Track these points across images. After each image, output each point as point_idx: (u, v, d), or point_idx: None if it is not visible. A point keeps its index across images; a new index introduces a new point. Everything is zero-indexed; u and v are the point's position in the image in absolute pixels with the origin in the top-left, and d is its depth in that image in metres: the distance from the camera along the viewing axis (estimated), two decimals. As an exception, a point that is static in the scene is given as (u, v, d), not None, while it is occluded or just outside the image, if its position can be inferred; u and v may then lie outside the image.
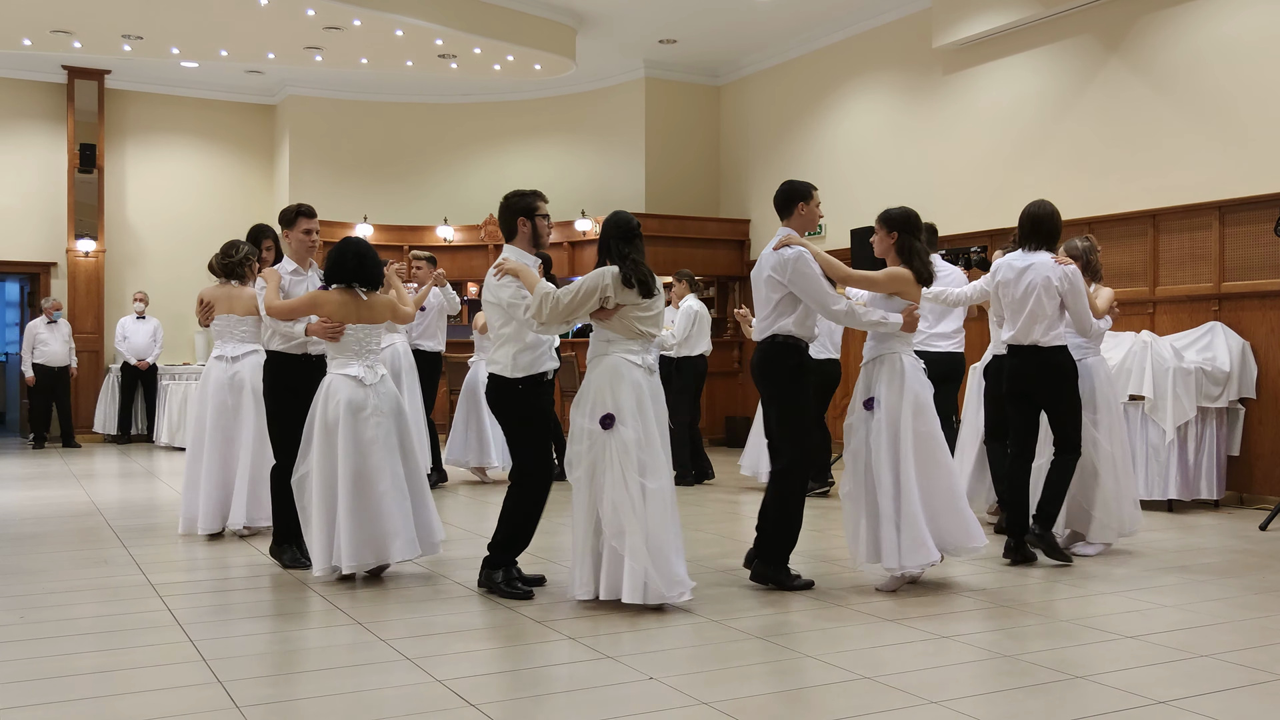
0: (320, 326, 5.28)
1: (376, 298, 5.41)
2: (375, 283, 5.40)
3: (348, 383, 5.23)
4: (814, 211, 5.37)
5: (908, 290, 5.16)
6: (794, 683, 3.75)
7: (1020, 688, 3.65)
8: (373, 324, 5.37)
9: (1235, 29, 8.29)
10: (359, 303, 5.33)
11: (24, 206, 13.77)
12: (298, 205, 5.92)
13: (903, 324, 5.09)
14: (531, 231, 5.11)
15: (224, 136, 14.82)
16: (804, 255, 5.07)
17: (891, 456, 5.02)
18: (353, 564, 5.12)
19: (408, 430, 5.40)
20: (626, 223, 4.89)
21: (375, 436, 5.18)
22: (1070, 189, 9.37)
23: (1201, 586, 5.26)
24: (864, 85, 11.78)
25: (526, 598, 4.92)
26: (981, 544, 5.12)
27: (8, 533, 6.88)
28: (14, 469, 10.74)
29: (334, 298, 5.31)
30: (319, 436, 5.20)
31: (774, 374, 5.15)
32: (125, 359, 13.29)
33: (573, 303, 4.72)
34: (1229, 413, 8.03)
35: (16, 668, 3.90)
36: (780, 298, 5.12)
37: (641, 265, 4.78)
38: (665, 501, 4.66)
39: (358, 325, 5.31)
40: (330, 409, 5.19)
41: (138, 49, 11.69)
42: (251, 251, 6.63)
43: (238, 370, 6.56)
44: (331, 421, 5.18)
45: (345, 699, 3.57)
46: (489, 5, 11.12)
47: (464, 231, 14.08)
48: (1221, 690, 3.62)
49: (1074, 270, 5.76)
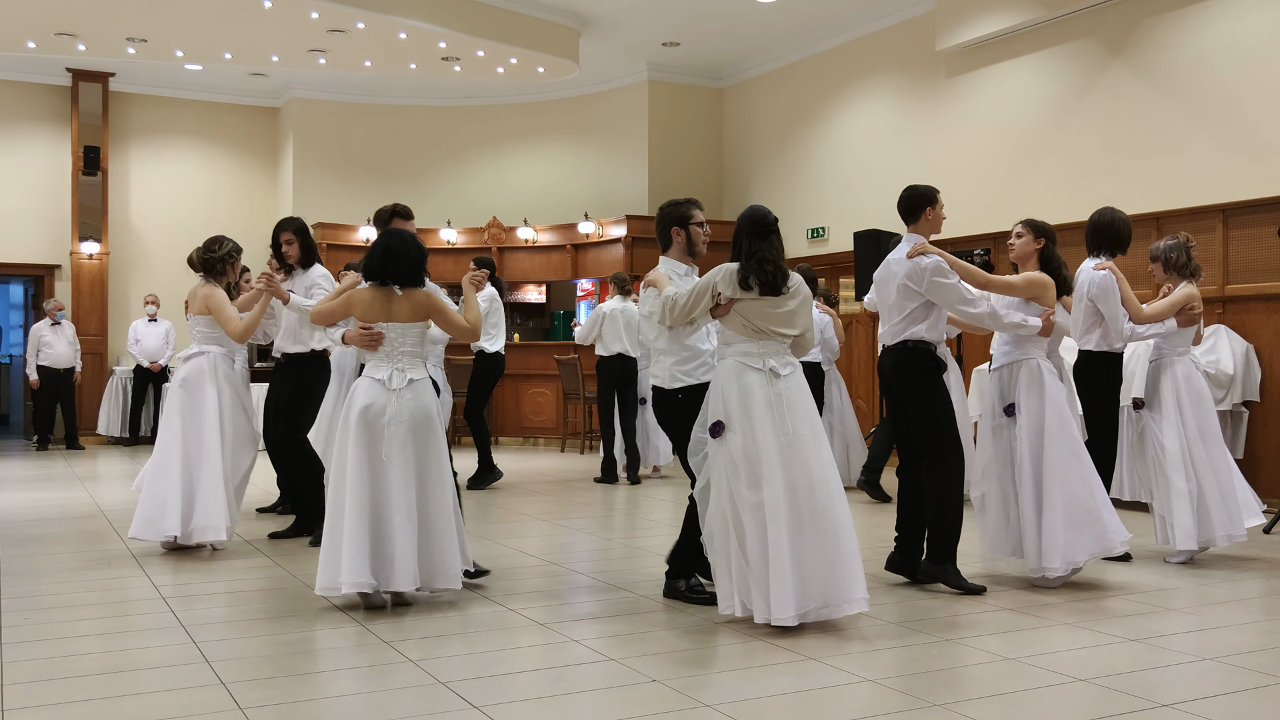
0: (359, 334, 4.90)
1: (413, 294, 4.94)
2: (408, 280, 4.94)
3: (373, 386, 4.84)
4: (939, 215, 5.34)
5: (1045, 295, 5.32)
6: (800, 685, 3.75)
7: (1024, 690, 3.64)
8: (406, 323, 4.91)
9: (1238, 31, 8.29)
10: (392, 299, 4.91)
11: (28, 209, 13.79)
12: (393, 206, 5.67)
13: (1040, 328, 5.24)
14: (686, 241, 5.00)
15: (228, 139, 14.85)
16: (940, 264, 5.09)
17: (1034, 464, 5.21)
18: (353, 582, 4.63)
19: (431, 447, 4.86)
20: (762, 218, 4.63)
21: (392, 450, 4.75)
22: (1073, 192, 9.37)
23: (1208, 589, 5.25)
24: (867, 88, 11.79)
25: (713, 603, 4.72)
26: (1119, 541, 5.17)
27: (11, 534, 6.89)
28: (18, 471, 10.75)
29: (364, 296, 4.93)
30: (339, 441, 4.88)
31: (909, 378, 5.19)
32: (138, 361, 13.30)
33: (688, 303, 4.62)
34: (1233, 416, 8.02)
35: (21, 669, 3.90)
36: (915, 306, 5.16)
37: (767, 263, 4.53)
38: (766, 515, 4.36)
39: (389, 324, 4.90)
40: (349, 414, 4.81)
41: (142, 52, 11.72)
42: (235, 249, 6.48)
43: (187, 375, 6.21)
44: (348, 426, 4.84)
45: (349, 701, 3.58)
46: (492, 8, 11.13)
47: (467, 234, 14.09)
48: (1228, 693, 3.61)
49: (1103, 275, 5.87)
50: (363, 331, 4.89)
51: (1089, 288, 5.90)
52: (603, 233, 13.39)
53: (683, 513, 5.01)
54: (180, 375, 6.29)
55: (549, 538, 6.72)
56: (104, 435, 13.67)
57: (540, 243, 13.99)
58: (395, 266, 4.91)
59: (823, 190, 12.19)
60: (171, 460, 6.11)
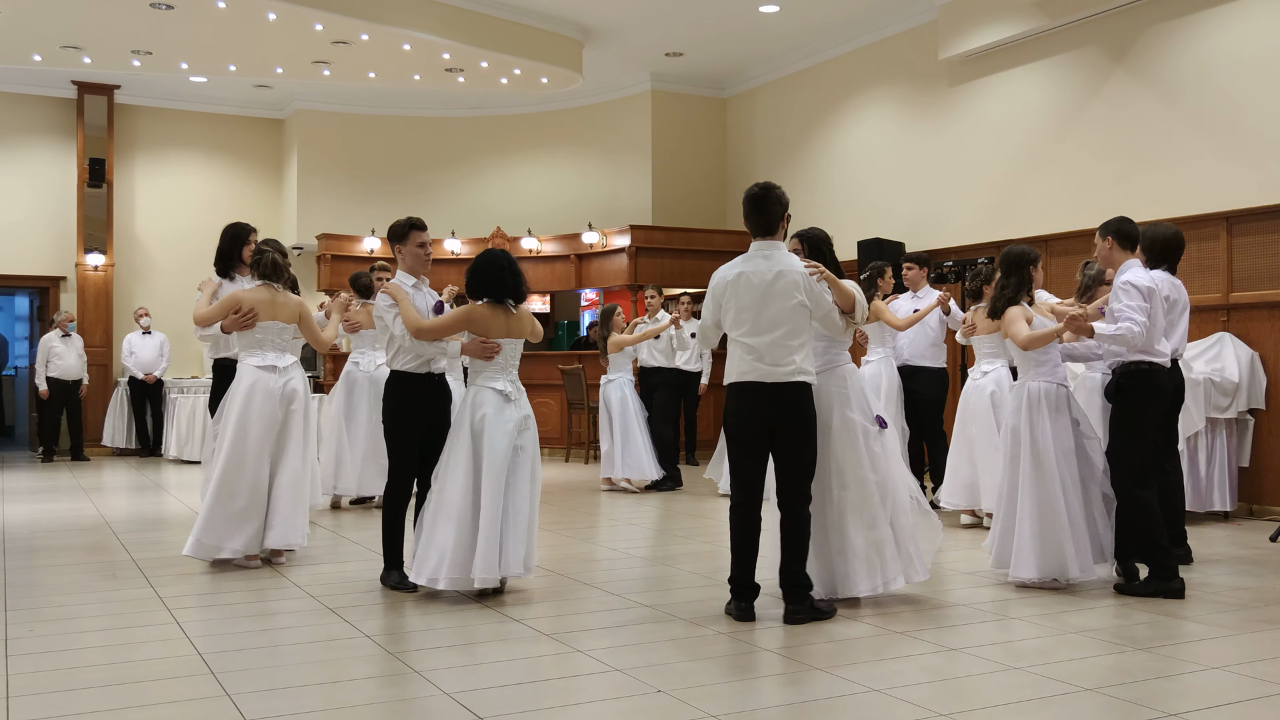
0: (479, 345, 5.24)
1: (523, 310, 5.40)
2: (525, 296, 5.41)
3: (495, 396, 5.20)
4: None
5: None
6: (805, 695, 3.74)
7: (1030, 700, 3.63)
8: (520, 338, 5.34)
9: (1241, 39, 8.29)
10: (509, 317, 5.30)
11: (34, 220, 13.83)
12: (409, 219, 5.69)
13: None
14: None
15: (232, 150, 14.89)
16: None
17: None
18: (487, 578, 5.00)
19: (537, 449, 5.33)
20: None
21: (517, 453, 5.17)
22: (1077, 200, 9.37)
23: (1214, 598, 5.23)
24: (870, 97, 11.80)
25: (833, 614, 4.80)
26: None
27: (17, 546, 6.90)
28: (23, 482, 10.77)
29: (485, 312, 5.26)
30: (464, 446, 5.12)
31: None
32: (132, 374, 13.34)
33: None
34: (1238, 424, 8.00)
35: (27, 681, 3.90)
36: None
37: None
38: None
39: (506, 339, 5.28)
40: (477, 420, 5.15)
41: (147, 64, 11.77)
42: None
43: (289, 381, 6.15)
44: (479, 432, 5.13)
45: (355, 712, 3.57)
46: (496, 19, 11.16)
47: (471, 244, 14.11)
48: (1231, 703, 3.60)
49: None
50: (484, 343, 5.23)
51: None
52: (607, 242, 13.40)
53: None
54: (291, 384, 6.15)
55: (554, 548, 6.72)
56: (108, 447, 13.69)
57: (544, 253, 14.01)
58: (518, 284, 5.33)
59: (826, 199, 12.20)
60: (285, 474, 6.17)
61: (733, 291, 4.77)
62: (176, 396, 13.06)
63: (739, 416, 4.75)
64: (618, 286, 13.46)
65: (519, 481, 5.17)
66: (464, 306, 5.34)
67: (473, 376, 5.33)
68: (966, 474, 7.22)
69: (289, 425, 6.12)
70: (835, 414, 4.94)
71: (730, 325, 4.80)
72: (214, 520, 5.93)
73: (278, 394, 6.07)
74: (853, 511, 4.90)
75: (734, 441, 4.81)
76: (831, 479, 4.92)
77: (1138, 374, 5.32)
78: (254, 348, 6.13)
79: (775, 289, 4.69)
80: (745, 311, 4.73)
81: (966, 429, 7.23)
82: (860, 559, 4.89)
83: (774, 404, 4.67)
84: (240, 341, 6.17)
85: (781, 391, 4.66)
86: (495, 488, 5.07)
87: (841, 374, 5.02)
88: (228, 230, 6.69)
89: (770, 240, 4.83)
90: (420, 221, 5.70)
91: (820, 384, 4.92)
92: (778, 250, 4.81)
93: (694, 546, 6.73)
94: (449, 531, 5.07)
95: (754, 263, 4.78)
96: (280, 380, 6.10)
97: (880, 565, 4.92)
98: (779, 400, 4.66)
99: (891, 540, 4.96)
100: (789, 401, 4.67)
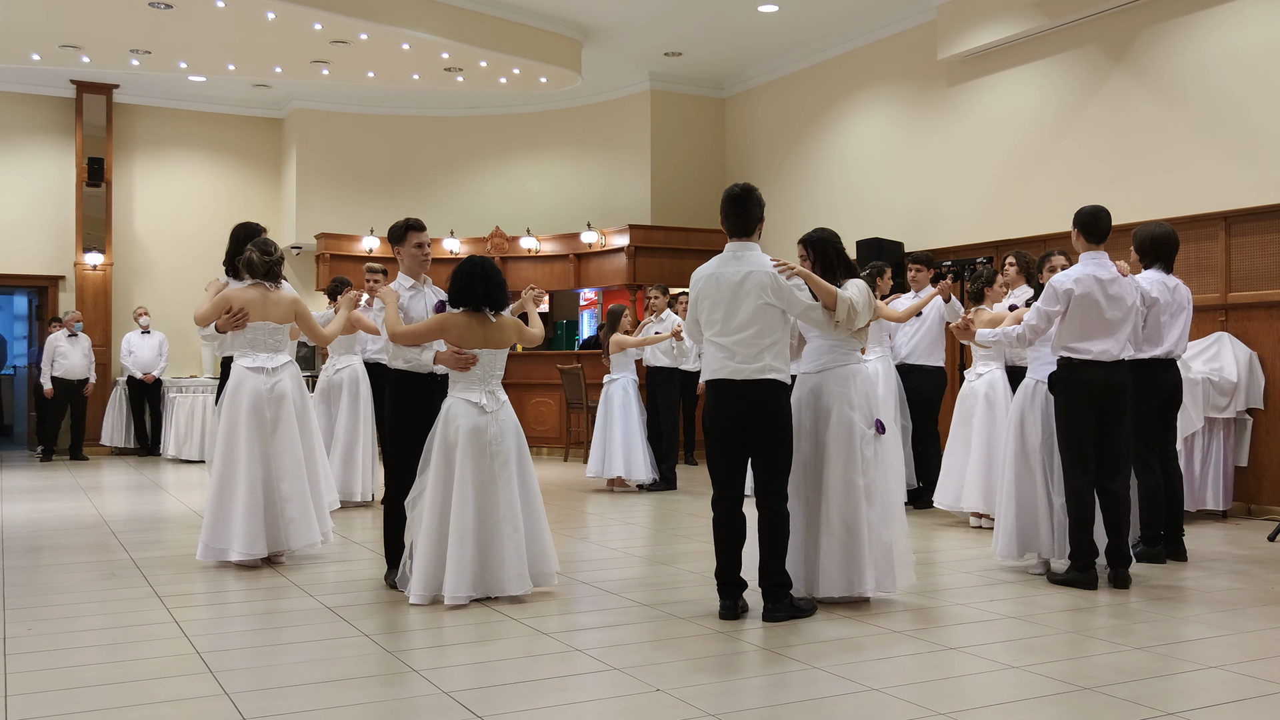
0: (451, 356, 5.12)
1: (504, 319, 5.26)
2: (503, 304, 5.25)
3: (469, 409, 5.09)
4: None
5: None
6: (805, 694, 3.74)
7: (1029, 699, 3.64)
8: (499, 348, 5.21)
9: (1240, 39, 8.30)
10: (487, 326, 5.17)
11: (32, 220, 13.82)
12: (407, 220, 5.66)
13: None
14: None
15: (231, 150, 14.88)
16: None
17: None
18: (456, 595, 4.93)
19: (527, 462, 5.25)
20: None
21: (495, 467, 5.06)
22: (1075, 199, 9.31)
23: (1211, 598, 5.24)
24: (869, 97, 11.80)
25: (813, 612, 4.84)
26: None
27: (16, 545, 6.90)
28: (22, 482, 10.77)
29: (460, 320, 5.14)
30: (437, 460, 5.05)
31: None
32: (131, 373, 13.34)
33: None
34: (1236, 423, 8.01)
35: (25, 680, 3.91)
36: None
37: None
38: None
39: (484, 350, 5.15)
40: (450, 433, 5.05)
41: (146, 63, 11.76)
42: (284, 252, 6.50)
43: (278, 382, 6.11)
44: (450, 446, 5.03)
45: (353, 711, 3.57)
46: (495, 19, 11.16)
47: (470, 244, 14.10)
48: (1228, 702, 3.61)
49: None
50: (457, 354, 5.11)
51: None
52: (605, 242, 13.40)
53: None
54: (280, 385, 6.11)
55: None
56: (107, 446, 13.68)
57: (543, 252, 14.01)
58: (495, 292, 5.19)
59: (825, 199, 12.20)
60: (288, 476, 6.14)
61: (705, 291, 4.85)
62: (175, 396, 13.06)
63: (712, 414, 4.82)
64: (617, 286, 13.46)
65: (503, 496, 5.06)
66: (440, 314, 5.25)
67: (451, 387, 5.21)
68: (961, 474, 7.23)
69: (281, 425, 6.07)
70: (834, 413, 4.94)
71: (704, 324, 4.86)
72: (218, 524, 5.95)
73: (265, 395, 6.04)
74: (834, 512, 4.90)
75: (709, 439, 4.86)
76: (822, 477, 4.93)
77: (1060, 368, 5.54)
78: (246, 348, 6.13)
79: (743, 289, 4.74)
80: (716, 311, 4.78)
81: (961, 429, 7.24)
82: (835, 560, 4.88)
83: (744, 401, 4.71)
84: (235, 341, 6.17)
85: (752, 389, 4.70)
86: (464, 505, 4.98)
87: (844, 374, 5.02)
88: (237, 230, 6.61)
89: (745, 241, 4.87)
90: (418, 222, 5.68)
91: (822, 383, 4.95)
92: (750, 251, 4.84)
93: (692, 546, 6.73)
94: (422, 548, 5.06)
95: (725, 264, 4.84)
96: (268, 381, 6.07)
97: (856, 569, 4.88)
98: (749, 397, 4.70)
99: (869, 546, 4.89)
100: (759, 399, 4.70)
